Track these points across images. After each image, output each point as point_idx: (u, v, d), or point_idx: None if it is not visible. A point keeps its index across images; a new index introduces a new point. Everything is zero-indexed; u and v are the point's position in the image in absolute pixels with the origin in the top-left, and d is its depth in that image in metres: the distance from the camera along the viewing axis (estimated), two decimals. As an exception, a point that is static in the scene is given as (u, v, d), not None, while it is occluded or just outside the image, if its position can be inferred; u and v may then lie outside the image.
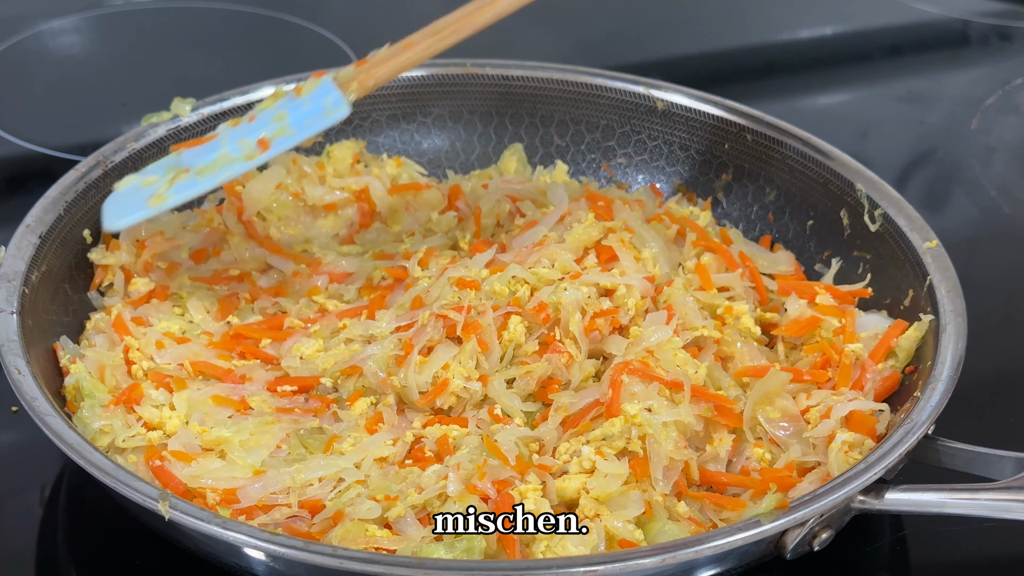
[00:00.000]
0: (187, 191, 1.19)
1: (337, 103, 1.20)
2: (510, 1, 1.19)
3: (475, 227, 1.33)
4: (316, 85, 1.23)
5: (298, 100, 1.23)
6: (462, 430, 1.09)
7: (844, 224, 1.31)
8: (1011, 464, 1.02)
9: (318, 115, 1.21)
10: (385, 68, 1.21)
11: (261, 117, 1.23)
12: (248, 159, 1.19)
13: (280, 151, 1.21)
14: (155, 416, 1.10)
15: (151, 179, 1.21)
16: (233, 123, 1.24)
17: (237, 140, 1.21)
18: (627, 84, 1.45)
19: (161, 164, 1.24)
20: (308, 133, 1.21)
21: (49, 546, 1.09)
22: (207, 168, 1.19)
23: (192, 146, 1.24)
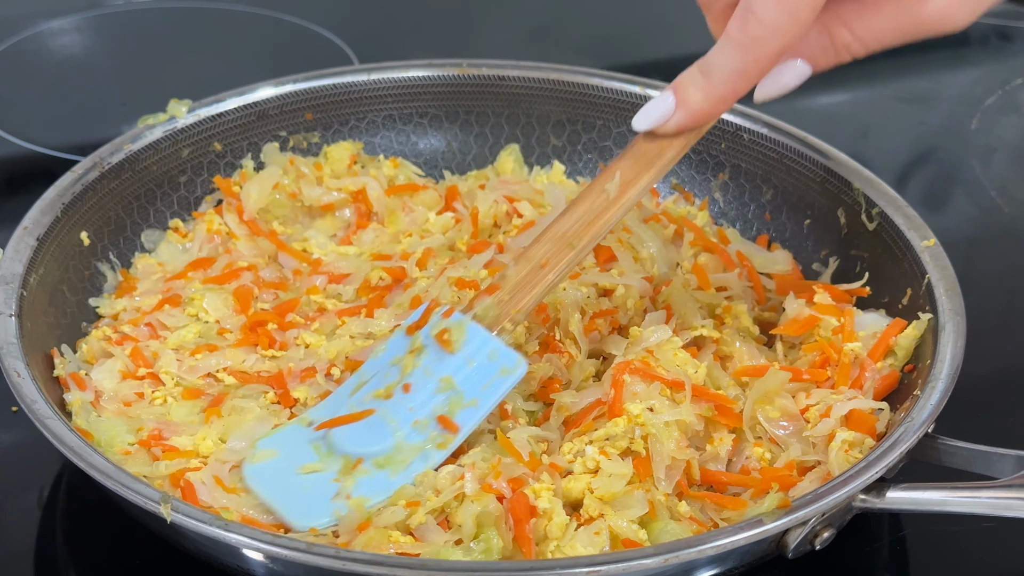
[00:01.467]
0: (383, 490, 1.03)
1: (512, 360, 1.07)
2: (636, 192, 1.08)
3: (472, 228, 1.33)
4: (464, 332, 1.08)
5: (455, 357, 1.07)
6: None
7: (841, 223, 1.31)
8: (1012, 462, 1.02)
9: (494, 376, 1.07)
10: (530, 298, 1.09)
11: (417, 383, 1.07)
12: (441, 447, 1.05)
13: (469, 431, 1.06)
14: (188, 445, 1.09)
15: (312, 466, 1.06)
16: (382, 394, 1.08)
17: (410, 422, 1.06)
18: (623, 84, 1.45)
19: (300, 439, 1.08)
20: (493, 402, 1.07)
21: (48, 547, 1.09)
22: (390, 460, 1.04)
23: (337, 424, 1.08)
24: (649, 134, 1.08)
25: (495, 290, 1.10)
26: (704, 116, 1.04)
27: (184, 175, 1.38)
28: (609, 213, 1.09)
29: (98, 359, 1.19)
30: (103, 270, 1.28)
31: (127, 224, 1.32)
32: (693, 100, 1.02)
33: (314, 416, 1.11)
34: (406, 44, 1.94)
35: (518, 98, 1.47)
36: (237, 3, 2.00)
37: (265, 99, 1.41)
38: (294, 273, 1.32)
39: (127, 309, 1.25)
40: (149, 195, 1.35)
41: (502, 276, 1.11)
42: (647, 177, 1.08)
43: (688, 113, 1.04)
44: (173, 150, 1.36)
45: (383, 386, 1.09)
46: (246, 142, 1.41)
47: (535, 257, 1.10)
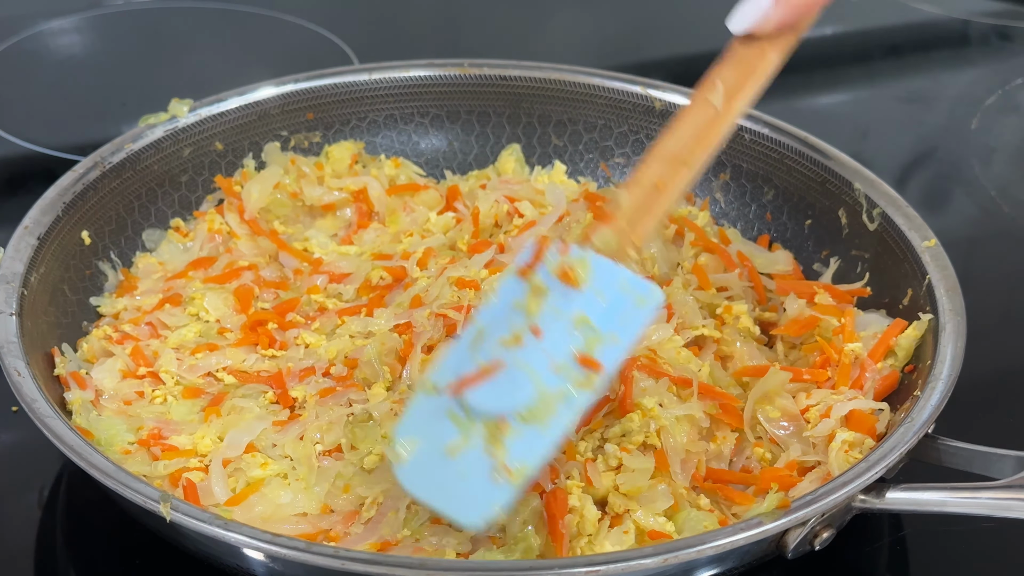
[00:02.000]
0: (538, 449, 0.94)
1: (643, 288, 0.98)
2: (742, 101, 1.02)
3: (473, 228, 1.33)
4: (587, 266, 0.99)
5: (583, 294, 0.98)
6: None
7: (842, 223, 1.31)
8: (1012, 463, 1.02)
9: (630, 308, 0.98)
10: (650, 220, 1.01)
11: (547, 326, 0.97)
12: (584, 387, 0.95)
13: (615, 367, 0.97)
14: (187, 444, 1.09)
15: (455, 444, 0.95)
16: (510, 342, 0.97)
17: (548, 367, 0.96)
18: (625, 84, 1.45)
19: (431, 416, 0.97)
20: (634, 333, 0.98)
21: (48, 546, 1.09)
22: (535, 414, 0.95)
23: (470, 384, 0.96)
24: (746, 38, 1.01)
25: (611, 219, 1.01)
26: (807, 7, 0.97)
27: (185, 174, 1.38)
28: (719, 125, 1.02)
29: (99, 358, 1.19)
30: (104, 269, 1.28)
31: (128, 223, 1.32)
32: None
33: (437, 379, 0.99)
34: (406, 44, 1.94)
35: (519, 98, 1.47)
36: (237, 3, 2.00)
37: (266, 99, 1.41)
38: (295, 273, 1.32)
39: (128, 308, 1.25)
40: (150, 194, 1.35)
41: (615, 204, 1.02)
42: (752, 85, 1.02)
43: (788, 5, 0.97)
44: (174, 149, 1.36)
45: (509, 333, 0.98)
46: (247, 141, 1.41)
47: (647, 180, 1.02)
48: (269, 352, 1.20)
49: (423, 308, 1.17)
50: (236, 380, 1.17)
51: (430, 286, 1.21)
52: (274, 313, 1.24)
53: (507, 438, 0.94)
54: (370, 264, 1.30)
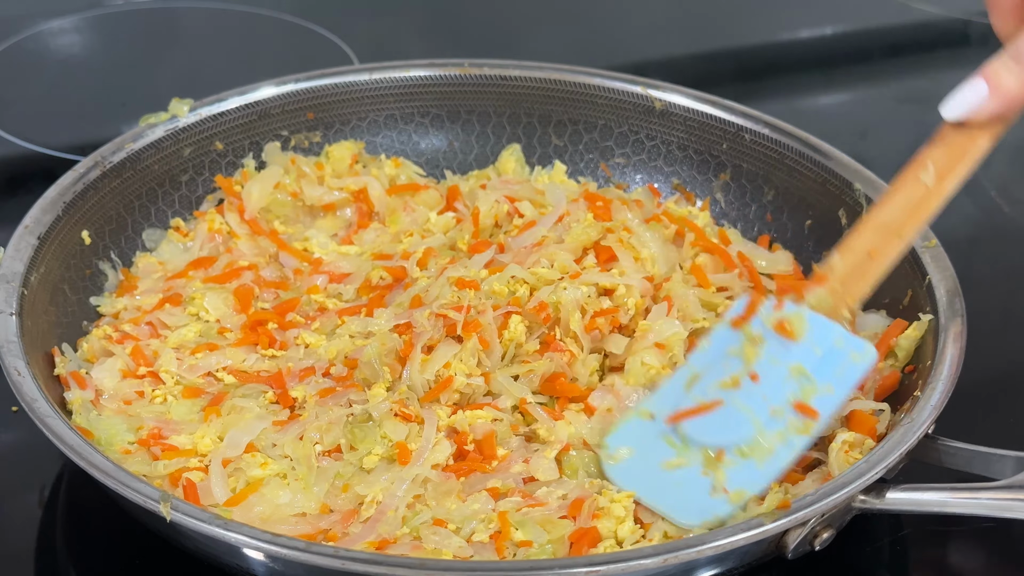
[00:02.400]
0: (757, 481, 1.02)
1: (859, 346, 1.08)
2: (953, 182, 1.08)
3: (473, 228, 1.33)
4: (804, 321, 1.08)
5: (799, 346, 1.07)
6: (499, 420, 1.10)
7: (843, 224, 1.31)
8: (1011, 463, 1.02)
9: (845, 362, 1.06)
10: (864, 285, 1.09)
11: (765, 372, 1.06)
12: (801, 432, 1.04)
13: (830, 416, 1.06)
14: (187, 444, 1.09)
15: (673, 462, 1.05)
16: (729, 384, 1.07)
17: (766, 410, 1.05)
18: (625, 84, 1.45)
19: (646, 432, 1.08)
20: (850, 386, 1.07)
21: (48, 546, 1.09)
22: (755, 449, 1.03)
23: (690, 415, 1.06)
24: (958, 124, 1.06)
25: (824, 280, 1.10)
26: (1019, 102, 1.02)
27: (186, 174, 1.38)
28: (931, 202, 1.09)
29: (99, 358, 1.19)
30: (104, 269, 1.28)
31: (128, 223, 1.32)
32: (1007, 85, 1.01)
33: (654, 408, 1.10)
34: (406, 44, 1.94)
35: (520, 98, 1.47)
36: (237, 3, 2.00)
37: (267, 98, 1.41)
38: (295, 272, 1.32)
39: (128, 308, 1.25)
40: (150, 194, 1.35)
41: (829, 267, 1.10)
42: (962, 167, 1.07)
43: (1002, 99, 1.02)
44: (175, 149, 1.36)
45: (728, 376, 1.07)
46: (248, 141, 1.41)
47: (860, 247, 1.10)
48: (269, 352, 1.20)
49: (423, 308, 1.17)
50: (236, 380, 1.17)
51: (430, 286, 1.21)
52: (274, 313, 1.24)
53: (726, 467, 1.03)
54: (370, 264, 1.30)
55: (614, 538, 1.00)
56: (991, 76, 1.02)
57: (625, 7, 2.12)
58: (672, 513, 1.02)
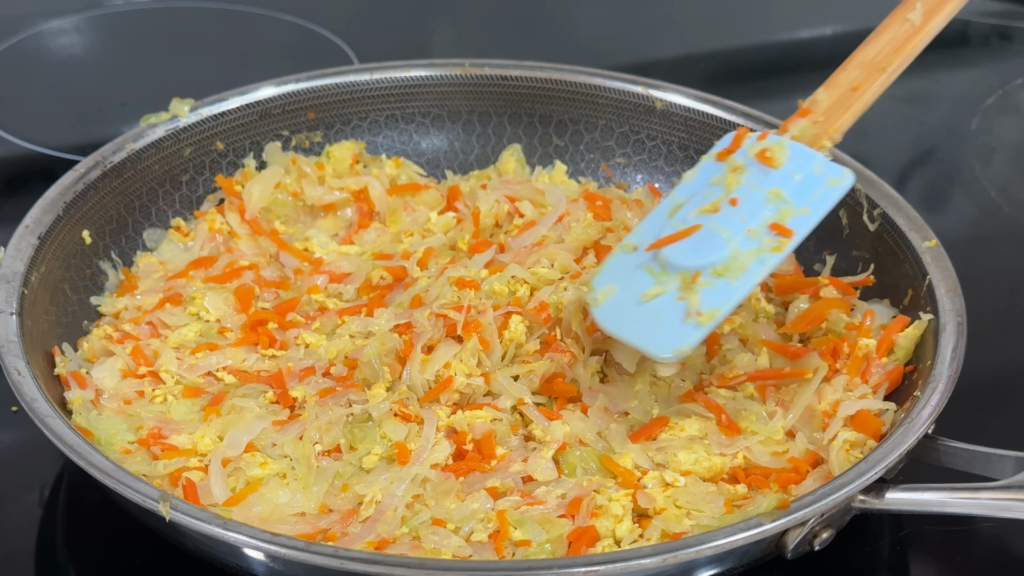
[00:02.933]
0: (729, 298, 1.06)
1: (837, 172, 1.11)
2: (940, 19, 1.12)
3: (473, 227, 1.33)
4: (785, 149, 1.12)
5: (779, 172, 1.11)
6: (498, 421, 1.10)
7: (843, 223, 1.31)
8: (1011, 463, 1.02)
9: (823, 186, 1.11)
10: (847, 117, 1.13)
11: (744, 197, 1.10)
12: (775, 250, 1.08)
13: (804, 235, 1.09)
14: (187, 443, 1.09)
15: (651, 291, 1.08)
16: (708, 209, 1.11)
17: (743, 231, 1.08)
18: (626, 84, 1.45)
19: (632, 268, 1.11)
20: (825, 208, 1.10)
21: (49, 546, 1.09)
22: (728, 268, 1.07)
23: (669, 242, 1.10)
24: None
25: (808, 113, 1.14)
26: None
27: (186, 174, 1.38)
28: (916, 39, 1.13)
29: (99, 357, 1.19)
30: (105, 269, 1.28)
31: (129, 223, 1.32)
32: None
33: (636, 240, 1.13)
34: (406, 44, 1.94)
35: (520, 98, 1.47)
36: (237, 3, 2.00)
37: (267, 98, 1.41)
38: (295, 272, 1.32)
39: (128, 308, 1.25)
40: (151, 194, 1.35)
41: (813, 101, 1.15)
42: (950, 5, 1.13)
43: None
44: (175, 149, 1.36)
45: (708, 202, 1.11)
46: (248, 141, 1.41)
47: (844, 82, 1.14)
48: (269, 352, 1.20)
49: (423, 308, 1.18)
50: (236, 380, 1.17)
51: (430, 286, 1.21)
52: (274, 313, 1.24)
53: (700, 288, 1.06)
54: (370, 264, 1.30)
55: (612, 537, 1.00)
56: None
57: (626, 7, 2.12)
58: (648, 346, 1.06)
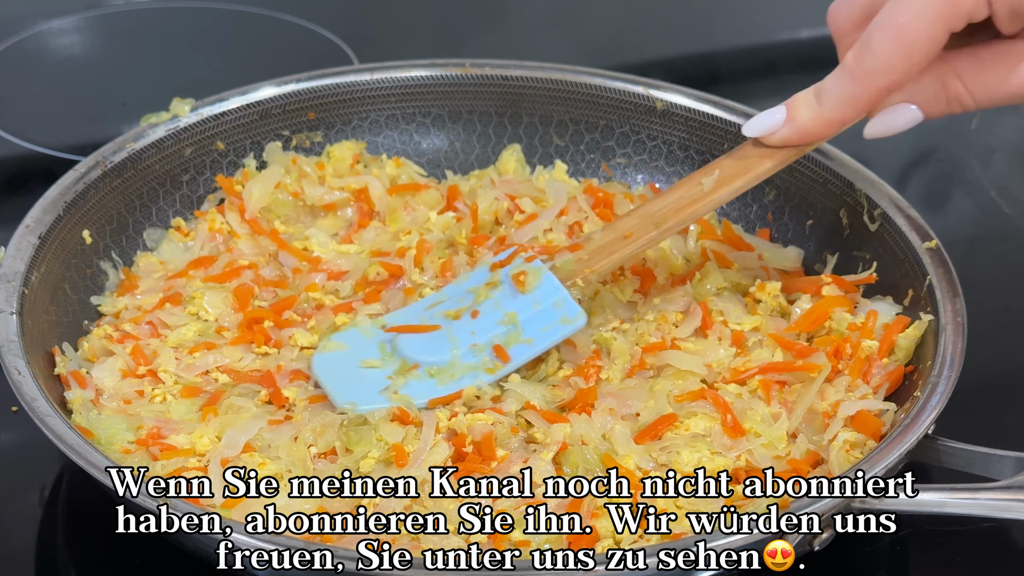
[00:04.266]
0: (425, 394, 1.14)
1: (572, 310, 1.17)
2: (727, 191, 1.15)
3: (472, 223, 1.33)
4: (539, 277, 1.18)
5: (525, 297, 1.18)
6: (499, 423, 1.10)
7: (843, 224, 1.31)
8: (1011, 464, 1.02)
9: (553, 321, 1.17)
10: (607, 262, 1.19)
11: (485, 313, 1.18)
12: (489, 372, 1.15)
13: (520, 364, 1.16)
14: (186, 443, 1.09)
15: (371, 362, 1.17)
16: (452, 314, 1.19)
17: (469, 344, 1.16)
18: (626, 84, 1.45)
19: (366, 338, 1.20)
20: (547, 344, 1.17)
21: (49, 546, 1.09)
22: (442, 372, 1.15)
23: (409, 331, 1.19)
24: (756, 141, 1.14)
25: (577, 249, 1.20)
26: (809, 135, 1.09)
27: (187, 174, 1.38)
28: (698, 204, 1.16)
29: (99, 357, 1.19)
30: (105, 268, 1.28)
31: (129, 223, 1.32)
32: (802, 118, 1.08)
33: (389, 320, 1.22)
34: (406, 44, 1.94)
35: (521, 98, 1.47)
36: (237, 3, 2.00)
37: (268, 98, 1.41)
38: (294, 272, 1.32)
39: (128, 307, 1.25)
40: (151, 194, 1.35)
41: (587, 238, 1.21)
42: (742, 180, 1.15)
43: (794, 129, 1.10)
44: (176, 149, 1.36)
45: (455, 308, 1.20)
46: (249, 141, 1.41)
47: (621, 228, 1.19)
48: (262, 350, 1.20)
49: None
50: (230, 379, 1.17)
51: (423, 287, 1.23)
52: (270, 311, 1.24)
53: (411, 378, 1.15)
54: (368, 262, 1.31)
55: (612, 538, 1.00)
56: (791, 106, 1.09)
57: (626, 7, 2.12)
58: (335, 394, 1.13)
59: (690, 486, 1.04)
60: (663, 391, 1.14)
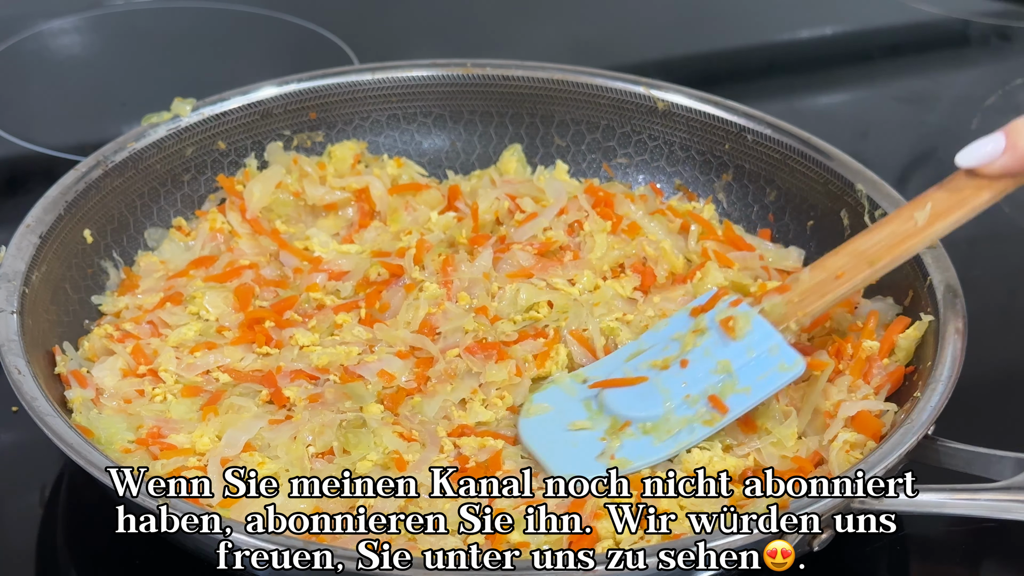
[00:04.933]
0: (646, 457, 1.08)
1: (791, 359, 1.11)
2: (943, 226, 1.09)
3: (473, 222, 1.34)
4: (748, 323, 1.13)
5: (736, 344, 1.12)
6: (507, 446, 1.10)
7: (845, 224, 1.31)
8: (1011, 464, 1.02)
9: (771, 368, 1.11)
10: (820, 303, 1.13)
11: (696, 361, 1.12)
12: (707, 424, 1.09)
13: (739, 414, 1.10)
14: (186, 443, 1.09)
15: (580, 423, 1.11)
16: (659, 364, 1.14)
17: (682, 396, 1.10)
18: (628, 84, 1.45)
19: (570, 397, 1.14)
20: (766, 392, 1.10)
21: (49, 546, 1.09)
22: (657, 428, 1.09)
23: (612, 385, 1.13)
24: (970, 172, 1.08)
25: (786, 291, 1.14)
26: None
27: (188, 173, 1.38)
28: (913, 240, 1.11)
29: (100, 356, 1.19)
30: (106, 267, 1.29)
31: (130, 222, 1.33)
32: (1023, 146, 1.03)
33: (589, 374, 1.16)
34: (407, 44, 1.94)
35: (522, 98, 1.47)
36: (237, 3, 2.00)
37: (269, 98, 1.41)
38: (294, 271, 1.32)
39: (129, 307, 1.25)
40: (153, 193, 1.35)
41: (795, 279, 1.15)
42: (958, 214, 1.09)
43: (1016, 158, 1.04)
44: (177, 148, 1.36)
45: (661, 357, 1.14)
46: (250, 141, 1.41)
47: (831, 268, 1.13)
48: (263, 350, 1.20)
49: (438, 343, 1.20)
50: (231, 379, 1.17)
51: (443, 313, 1.23)
52: (271, 311, 1.24)
53: (625, 437, 1.08)
54: (369, 261, 1.31)
55: (612, 538, 1.00)
56: (1011, 133, 1.04)
57: (628, 7, 2.12)
58: (550, 461, 1.07)
59: (690, 486, 1.04)
60: None
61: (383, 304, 1.26)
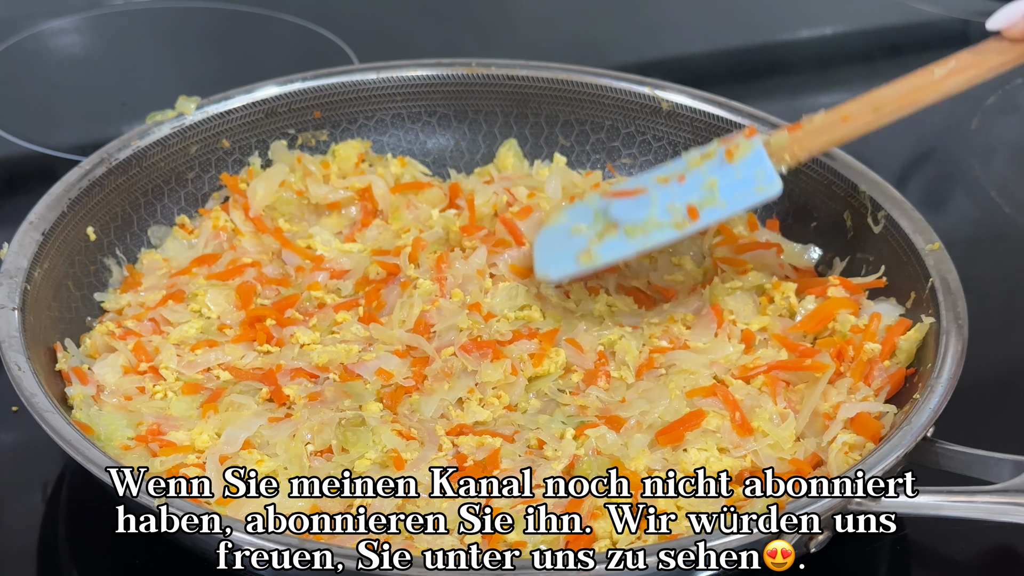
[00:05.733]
0: (616, 252, 1.20)
1: (769, 178, 1.18)
2: (957, 82, 1.14)
3: (469, 214, 1.34)
4: (749, 149, 1.19)
5: (729, 166, 1.19)
6: (505, 444, 1.10)
7: (848, 226, 1.31)
8: (1009, 467, 1.02)
9: (749, 188, 1.18)
10: (821, 140, 1.19)
11: (691, 179, 1.20)
12: (677, 227, 1.18)
13: (709, 223, 1.20)
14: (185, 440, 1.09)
15: (580, 227, 1.22)
16: (663, 179, 1.22)
17: (667, 203, 1.19)
18: (632, 85, 1.45)
19: (588, 207, 1.24)
20: (738, 207, 1.20)
21: (50, 545, 1.09)
22: (636, 229, 1.19)
23: (622, 196, 1.23)
24: (998, 36, 1.11)
25: (798, 128, 1.20)
26: None
27: (192, 172, 1.38)
28: (925, 92, 1.16)
29: (101, 353, 1.19)
30: (109, 265, 1.29)
31: (134, 220, 1.33)
32: None
33: (617, 186, 1.27)
34: (407, 44, 1.94)
35: (526, 98, 1.47)
36: (237, 3, 2.00)
37: (274, 97, 1.41)
38: (296, 270, 1.32)
39: (131, 304, 1.26)
40: (156, 191, 1.35)
41: (810, 119, 1.20)
42: (974, 72, 1.13)
43: None
44: (181, 147, 1.36)
45: (667, 174, 1.23)
46: (254, 139, 1.41)
47: (840, 112, 1.18)
48: (264, 348, 1.21)
49: (434, 342, 1.20)
50: (231, 377, 1.17)
51: (439, 310, 1.23)
52: (272, 309, 1.24)
53: (608, 237, 1.20)
54: (368, 259, 1.31)
55: (610, 539, 1.00)
56: None
57: (630, 7, 2.12)
58: (536, 265, 1.23)
59: (690, 486, 1.04)
60: (677, 387, 1.14)
61: (380, 302, 1.26)
